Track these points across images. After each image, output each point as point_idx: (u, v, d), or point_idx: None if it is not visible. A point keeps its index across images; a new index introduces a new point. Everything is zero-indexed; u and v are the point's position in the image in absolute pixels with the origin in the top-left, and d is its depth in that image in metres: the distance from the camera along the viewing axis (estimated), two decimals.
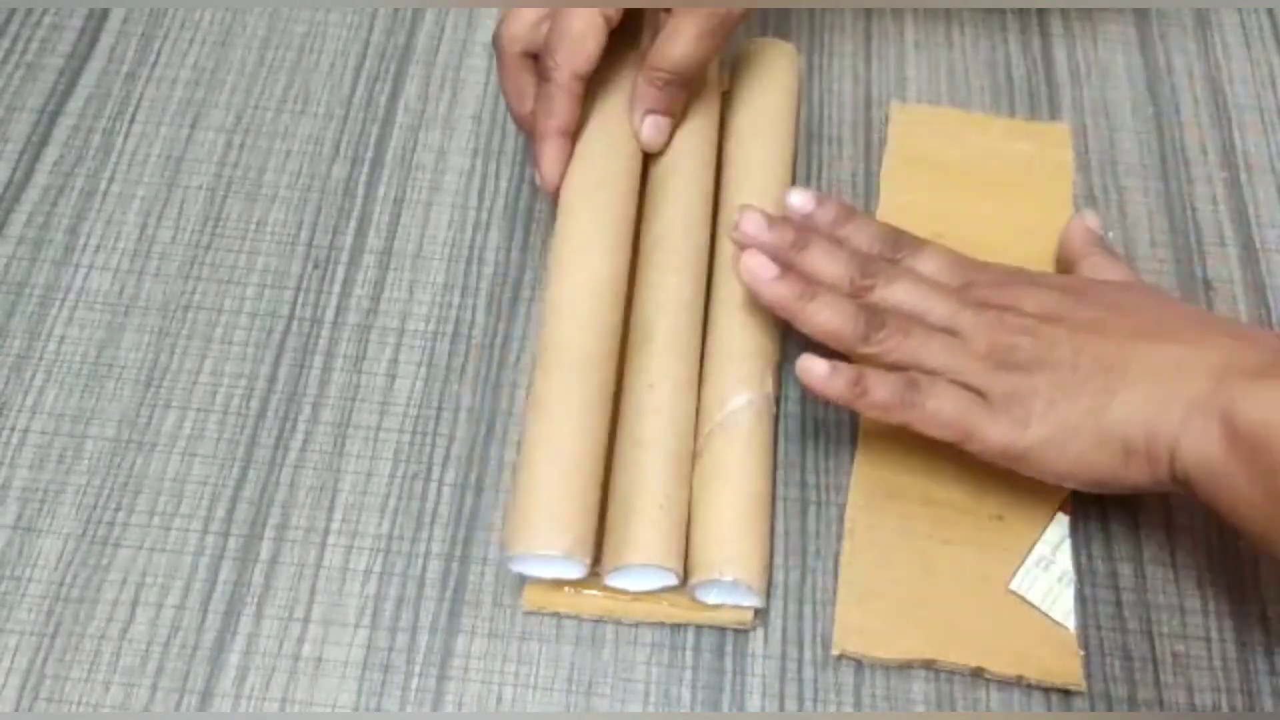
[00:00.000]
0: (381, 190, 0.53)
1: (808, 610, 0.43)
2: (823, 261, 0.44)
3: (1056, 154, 0.54)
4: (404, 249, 0.51)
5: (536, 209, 0.53)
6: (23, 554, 0.44)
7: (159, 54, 0.57)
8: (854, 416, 0.47)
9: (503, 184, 0.53)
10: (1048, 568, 0.43)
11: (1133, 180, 0.54)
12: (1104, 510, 0.45)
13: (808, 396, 0.47)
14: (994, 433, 0.41)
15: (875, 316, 0.42)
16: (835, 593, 0.43)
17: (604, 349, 0.44)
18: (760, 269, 0.43)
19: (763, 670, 0.42)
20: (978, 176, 0.53)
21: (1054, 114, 0.56)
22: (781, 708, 0.42)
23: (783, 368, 0.47)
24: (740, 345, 0.45)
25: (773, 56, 0.52)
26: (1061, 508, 0.45)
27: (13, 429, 0.46)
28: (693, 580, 0.41)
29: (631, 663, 0.42)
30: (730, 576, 0.41)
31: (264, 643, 0.42)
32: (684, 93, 0.48)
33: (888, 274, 0.44)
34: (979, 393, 0.41)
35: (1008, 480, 0.45)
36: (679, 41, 0.46)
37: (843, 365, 0.41)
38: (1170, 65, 0.58)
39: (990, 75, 0.57)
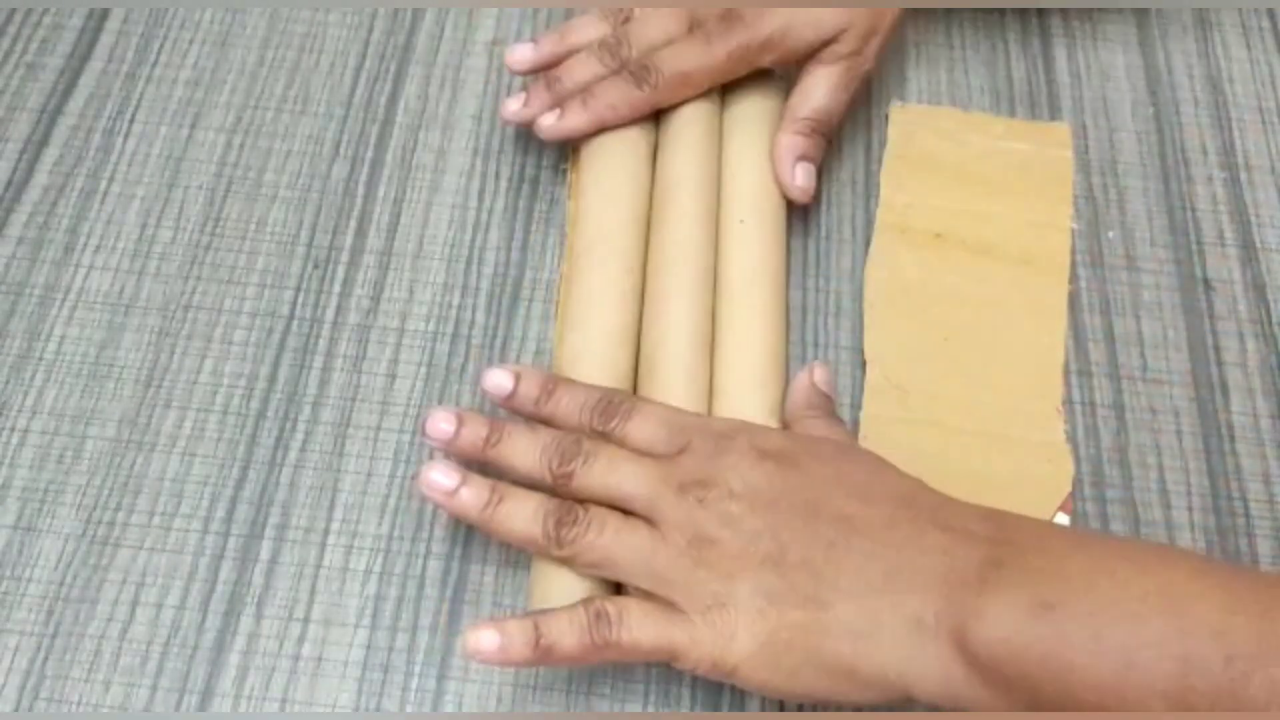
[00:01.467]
0: (381, 190, 0.53)
1: None
2: (517, 455, 0.40)
3: (1056, 154, 0.54)
4: (404, 249, 0.51)
5: (536, 209, 0.53)
6: (23, 554, 0.44)
7: (159, 54, 0.57)
8: (853, 414, 0.47)
9: (503, 184, 0.53)
10: None
11: (1133, 180, 0.54)
12: (1104, 510, 0.45)
13: None
14: (699, 650, 0.37)
15: (568, 513, 0.39)
16: None
17: None
18: (439, 482, 0.40)
19: None
20: (978, 176, 0.53)
21: (1054, 114, 0.56)
22: (781, 708, 0.42)
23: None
24: (752, 376, 0.45)
25: (761, 74, 0.52)
26: (1061, 507, 0.45)
27: (13, 429, 0.46)
28: None
29: (631, 663, 0.42)
30: None
31: (264, 643, 0.42)
32: (825, 141, 0.51)
33: (588, 455, 0.40)
34: (676, 602, 0.38)
35: (1007, 480, 0.45)
36: (817, 94, 0.50)
37: (512, 625, 0.37)
38: (1170, 65, 0.58)
39: (990, 75, 0.57)
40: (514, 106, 0.51)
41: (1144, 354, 0.49)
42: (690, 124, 0.50)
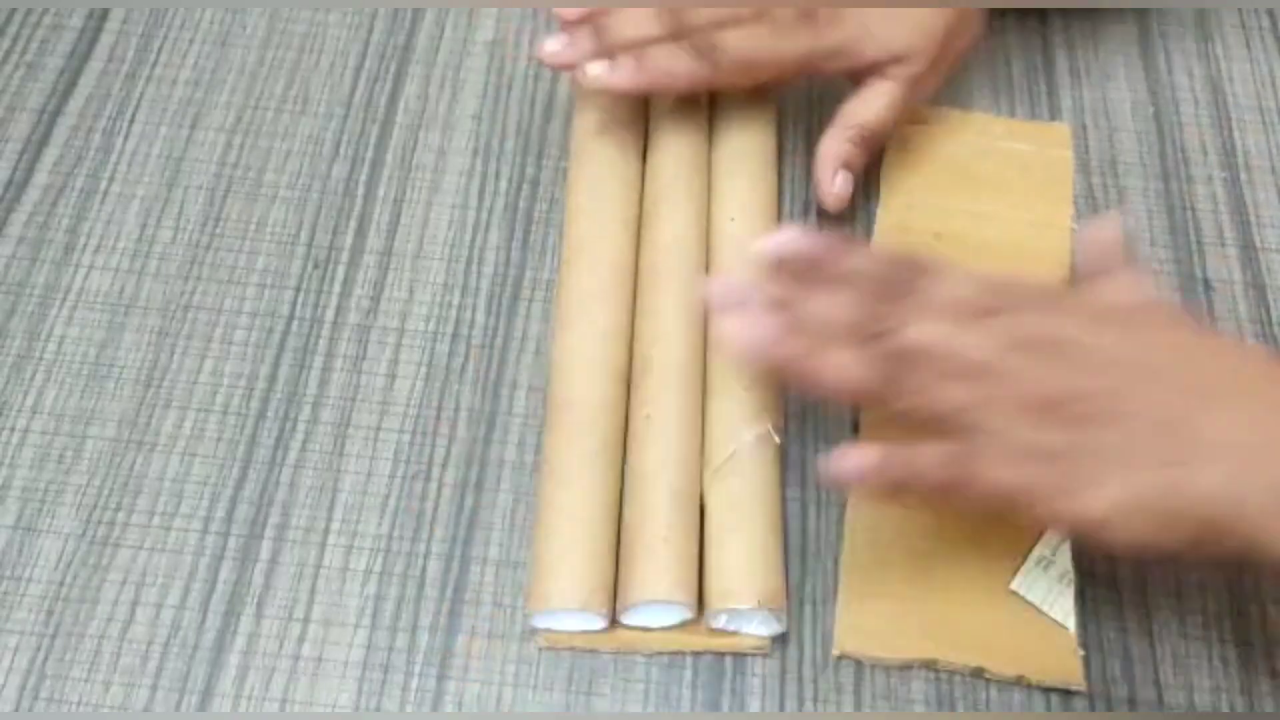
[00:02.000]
0: (381, 190, 0.53)
1: (808, 610, 0.43)
2: (827, 309, 0.38)
3: (1056, 154, 0.54)
4: (404, 249, 0.51)
5: (536, 209, 0.53)
6: (23, 554, 0.44)
7: (159, 54, 0.57)
8: (853, 413, 0.47)
9: (503, 184, 0.53)
10: (1048, 568, 0.43)
11: (1133, 180, 0.54)
12: None
13: (803, 408, 0.47)
14: (1065, 500, 0.36)
15: (904, 363, 0.37)
16: (836, 593, 0.43)
17: (610, 396, 0.44)
18: (750, 331, 0.38)
19: (763, 670, 0.42)
20: (978, 176, 0.53)
21: (1054, 114, 0.56)
22: (781, 708, 0.42)
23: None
24: (744, 375, 0.45)
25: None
26: None
27: (13, 429, 0.46)
28: (716, 606, 0.41)
29: (631, 663, 0.42)
30: (752, 602, 0.40)
31: (264, 643, 0.42)
32: (869, 154, 0.50)
33: (908, 310, 0.37)
34: (1038, 451, 0.36)
35: None
36: (873, 106, 0.49)
37: (890, 447, 0.36)
38: (1170, 65, 0.58)
39: (990, 75, 0.57)
40: (553, 46, 0.48)
41: None
42: (681, 122, 0.50)
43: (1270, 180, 0.54)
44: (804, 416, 0.47)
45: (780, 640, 0.43)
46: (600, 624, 0.41)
